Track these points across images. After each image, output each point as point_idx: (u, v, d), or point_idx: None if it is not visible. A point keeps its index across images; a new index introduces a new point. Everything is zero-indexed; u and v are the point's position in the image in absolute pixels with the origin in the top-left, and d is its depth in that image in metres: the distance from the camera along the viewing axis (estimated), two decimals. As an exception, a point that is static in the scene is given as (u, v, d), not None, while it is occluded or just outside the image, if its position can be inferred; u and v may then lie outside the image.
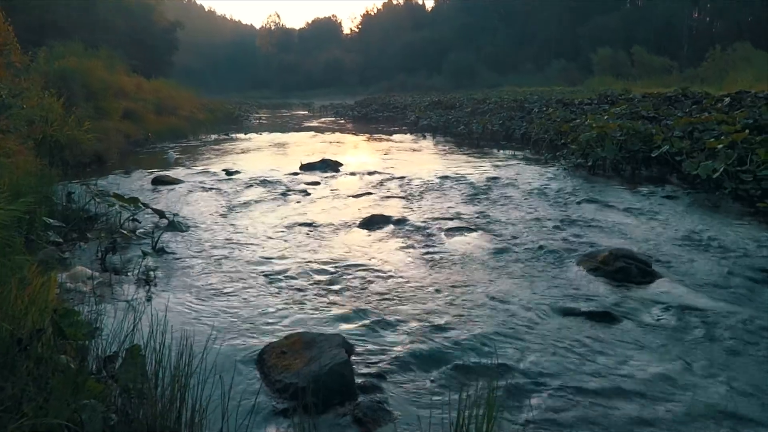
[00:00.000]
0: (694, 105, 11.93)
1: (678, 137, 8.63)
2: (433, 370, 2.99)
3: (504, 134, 13.81)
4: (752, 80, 22.44)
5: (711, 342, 3.37)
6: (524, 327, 3.52)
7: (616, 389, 2.80)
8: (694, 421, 2.57)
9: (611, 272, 4.46)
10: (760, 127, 8.27)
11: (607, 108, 12.69)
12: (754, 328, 3.54)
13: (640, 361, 3.12)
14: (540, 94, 23.15)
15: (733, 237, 5.44)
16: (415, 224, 6.06)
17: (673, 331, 3.51)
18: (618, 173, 8.82)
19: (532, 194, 7.61)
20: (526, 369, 2.98)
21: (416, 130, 17.04)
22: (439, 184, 8.43)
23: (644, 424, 2.54)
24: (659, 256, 4.96)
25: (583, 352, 3.21)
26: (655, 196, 7.30)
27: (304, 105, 37.95)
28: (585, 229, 5.90)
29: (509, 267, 4.71)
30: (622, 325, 3.59)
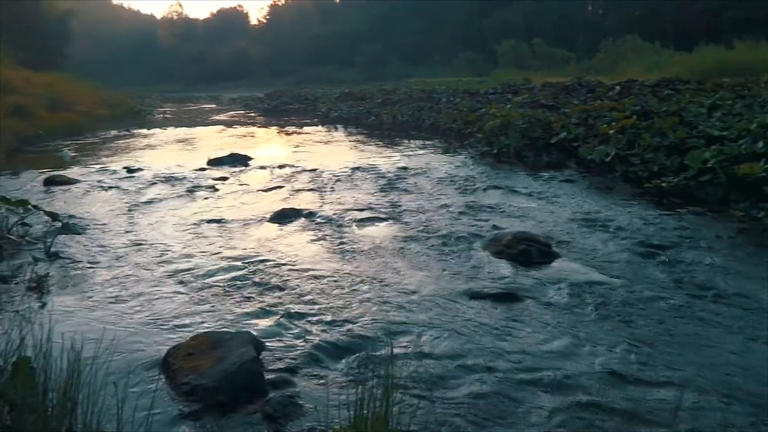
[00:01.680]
0: (588, 93, 12.65)
1: (574, 124, 9.12)
2: (343, 360, 3.00)
3: (414, 124, 14.03)
4: (641, 70, 24.07)
5: (605, 314, 3.60)
6: (431, 312, 3.60)
7: (517, 365, 2.93)
8: (590, 387, 2.74)
9: (514, 255, 4.65)
10: (646, 113, 8.90)
11: (510, 97, 13.19)
12: (643, 299, 3.82)
13: (541, 336, 3.28)
14: (448, 84, 23.68)
15: (624, 216, 5.83)
16: (326, 216, 6.04)
17: (571, 306, 3.72)
18: (521, 160, 9.19)
19: (440, 182, 7.79)
20: (431, 353, 3.06)
21: (327, 122, 16.98)
22: (350, 175, 8.44)
23: (543, 396, 2.68)
24: (559, 237, 5.23)
25: (488, 332, 3.33)
26: (555, 180, 7.68)
27: (212, 98, 36.78)
28: (491, 214, 6.12)
29: (419, 254, 4.80)
30: (524, 305, 3.76)
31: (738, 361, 3.01)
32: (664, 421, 2.47)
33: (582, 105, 10.26)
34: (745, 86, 10.99)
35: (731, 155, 6.26)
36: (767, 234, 5.14)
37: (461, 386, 2.74)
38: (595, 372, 2.89)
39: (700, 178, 6.50)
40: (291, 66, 58.92)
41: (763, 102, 8.74)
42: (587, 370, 2.90)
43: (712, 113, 8.37)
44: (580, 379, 2.82)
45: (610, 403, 2.61)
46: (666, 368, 2.93)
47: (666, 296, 3.85)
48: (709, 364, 2.98)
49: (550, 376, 2.84)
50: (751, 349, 3.15)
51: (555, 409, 2.57)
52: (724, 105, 8.82)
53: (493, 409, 2.58)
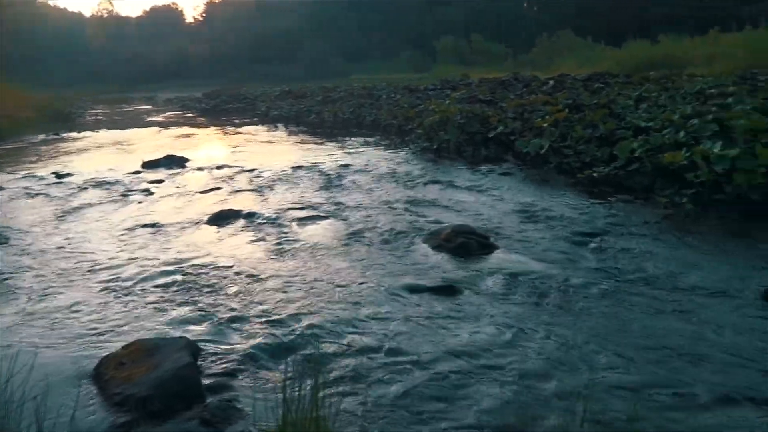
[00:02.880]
0: (524, 88, 12.97)
1: (511, 118, 9.33)
2: (283, 361, 2.97)
3: (355, 122, 14.02)
4: (574, 65, 24.86)
5: (540, 301, 3.71)
6: (370, 309, 3.61)
7: (455, 357, 2.98)
8: (526, 375, 2.81)
9: (453, 248, 4.72)
10: (578, 106, 9.20)
11: (449, 93, 13.36)
12: (576, 285, 3.95)
13: (479, 327, 3.35)
14: (389, 81, 23.78)
15: (558, 206, 6.01)
16: (266, 216, 5.96)
17: (508, 296, 3.81)
18: (461, 154, 9.33)
19: (382, 179, 7.82)
20: (370, 349, 3.07)
21: (267, 121, 16.74)
22: (291, 174, 8.36)
23: (478, 387, 2.74)
24: (497, 229, 5.34)
25: (427, 325, 3.37)
26: (493, 173, 7.84)
27: (147, 99, 35.62)
28: (431, 208, 6.19)
29: (360, 251, 4.81)
30: (463, 296, 3.82)
31: (664, 340, 3.15)
32: (599, 402, 2.57)
33: (518, 99, 10.51)
34: (670, 79, 11.53)
35: (656, 145, 6.55)
36: (689, 219, 5.41)
37: (398, 382, 2.76)
38: (531, 359, 2.97)
39: (629, 167, 6.77)
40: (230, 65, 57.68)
41: (684, 94, 9.19)
42: (524, 359, 2.98)
43: (639, 105, 8.72)
44: (516, 367, 2.89)
45: (545, 390, 2.69)
46: (599, 351, 3.05)
47: (597, 282, 4.00)
48: (640, 345, 3.11)
49: (487, 366, 2.91)
50: (676, 327, 3.31)
51: (490, 400, 2.62)
52: (650, 97, 9.22)
53: (428, 403, 2.61)
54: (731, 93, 8.57)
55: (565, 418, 2.45)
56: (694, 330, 3.27)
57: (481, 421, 2.45)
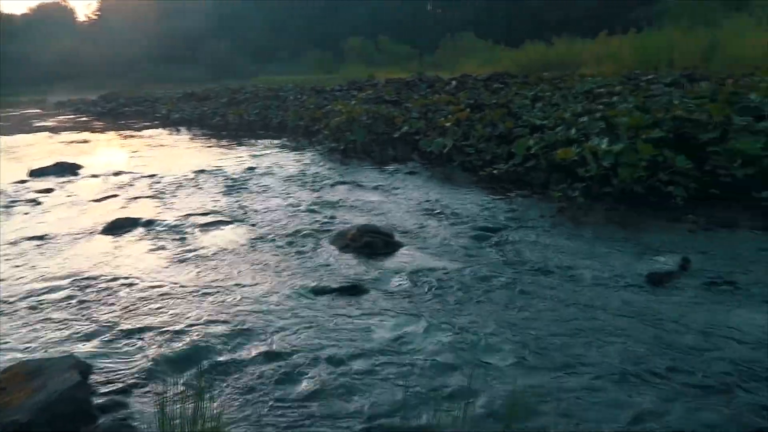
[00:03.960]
0: (428, 88, 13.25)
1: (415, 118, 9.51)
2: (182, 373, 2.86)
3: (261, 123, 13.76)
4: (476, 66, 25.73)
5: (443, 296, 3.79)
6: (275, 314, 3.56)
7: (358, 356, 2.99)
8: (426, 369, 2.87)
9: (359, 247, 4.74)
10: (479, 105, 9.52)
11: (355, 94, 13.42)
12: (477, 278, 4.08)
13: (384, 324, 3.38)
14: (296, 82, 23.56)
15: (461, 204, 6.18)
16: (166, 224, 5.72)
17: (413, 292, 3.87)
18: (368, 154, 9.40)
19: (288, 181, 7.72)
20: (274, 354, 3.02)
21: (169, 125, 16.08)
22: (194, 179, 8.08)
23: (381, 385, 2.76)
24: (402, 227, 5.42)
25: (332, 326, 3.36)
26: (399, 173, 7.95)
27: (37, 102, 33.21)
28: (338, 209, 6.18)
29: (265, 255, 4.72)
30: (369, 295, 3.84)
31: (560, 326, 3.32)
32: (504, 392, 2.66)
33: (422, 99, 10.72)
34: (563, 79, 12.19)
35: (550, 142, 6.90)
36: (581, 211, 5.74)
37: (301, 384, 2.74)
38: (432, 355, 3.03)
39: (526, 164, 7.09)
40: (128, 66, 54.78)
41: (575, 93, 9.74)
42: (424, 354, 3.04)
43: (534, 104, 9.16)
44: (416, 364, 2.94)
45: (449, 384, 2.76)
46: (499, 341, 3.16)
47: (496, 274, 4.15)
48: (537, 332, 3.26)
49: (391, 363, 2.94)
50: (571, 314, 3.49)
51: (388, 400, 2.65)
52: (544, 96, 9.70)
53: (324, 405, 2.60)
54: (617, 92, 9.19)
55: (464, 410, 2.52)
56: (586, 315, 3.47)
57: (375, 422, 2.47)
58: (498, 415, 2.49)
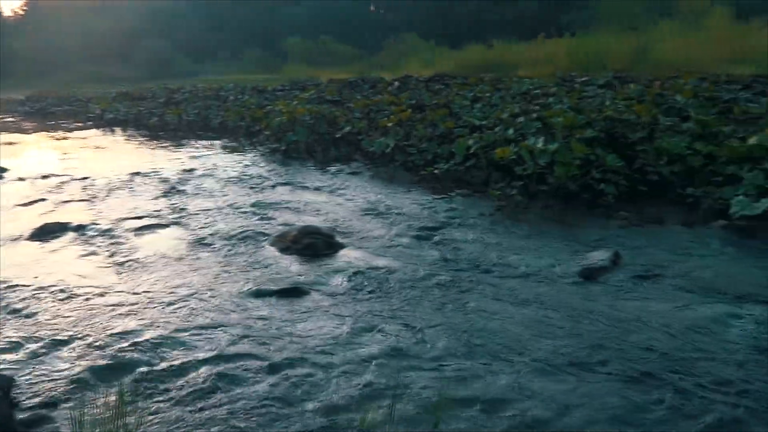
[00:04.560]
0: (371, 88, 13.29)
1: (358, 118, 9.51)
2: (112, 383, 2.75)
3: (200, 124, 13.44)
4: (419, 66, 25.96)
5: (384, 296, 3.81)
6: (212, 318, 3.48)
7: (297, 359, 2.96)
8: (371, 364, 2.87)
9: (300, 249, 4.70)
10: (420, 106, 9.62)
11: (297, 94, 13.31)
12: (417, 277, 4.11)
13: (325, 326, 3.36)
14: (237, 82, 23.13)
15: (403, 203, 6.23)
16: (98, 228, 5.49)
17: (354, 293, 3.87)
18: (311, 155, 9.33)
19: (228, 182, 7.57)
20: (210, 360, 2.95)
21: (103, 125, 15.46)
22: (129, 181, 7.80)
23: (323, 382, 2.74)
24: (344, 227, 5.40)
25: (271, 329, 3.31)
26: (342, 173, 7.93)
27: (-44, 102, 31.31)
28: (280, 211, 6.11)
29: (203, 259, 4.61)
30: (310, 297, 3.81)
31: (498, 322, 3.38)
32: (440, 388, 2.69)
33: (364, 100, 10.74)
34: (501, 80, 12.47)
35: (489, 142, 7.04)
36: (519, 209, 5.88)
37: (233, 392, 2.68)
38: (372, 353, 3.04)
39: (466, 163, 7.21)
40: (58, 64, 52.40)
41: (513, 94, 9.98)
42: (364, 355, 3.04)
43: (474, 105, 9.33)
44: (357, 363, 2.94)
45: (385, 382, 2.76)
46: (437, 338, 3.19)
47: (436, 273, 4.20)
48: (475, 328, 3.31)
49: (330, 365, 2.92)
50: (508, 309, 3.57)
51: (330, 400, 2.64)
52: (483, 97, 9.90)
53: (266, 409, 2.56)
54: (553, 93, 9.47)
55: (395, 408, 2.54)
56: (522, 310, 3.56)
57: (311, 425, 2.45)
58: (432, 411, 2.51)
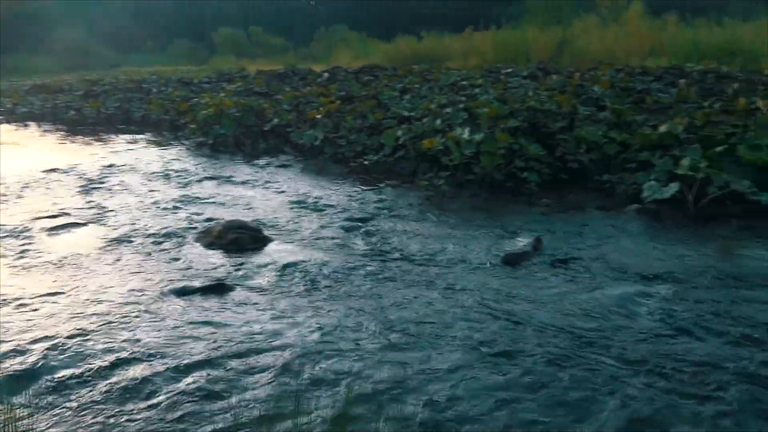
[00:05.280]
0: (300, 80, 13.12)
1: (286, 110, 9.38)
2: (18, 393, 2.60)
3: (122, 117, 12.86)
4: (350, 58, 25.88)
5: (311, 287, 3.78)
6: (133, 318, 3.35)
7: (221, 354, 2.91)
8: (298, 358, 2.84)
9: (226, 244, 4.60)
10: (349, 97, 9.59)
11: (225, 86, 12.98)
12: (345, 268, 4.10)
13: (250, 321, 3.30)
14: (161, 73, 22.32)
15: (332, 195, 6.20)
16: (8, 229, 5.17)
17: (281, 286, 3.82)
18: (239, 148, 9.13)
19: (152, 178, 7.30)
20: (130, 361, 2.85)
21: (15, 120, 14.50)
22: (44, 178, 7.38)
23: (246, 379, 2.70)
24: (272, 221, 5.33)
25: (193, 328, 3.23)
26: (271, 166, 7.82)
27: None
28: (206, 206, 5.96)
29: (123, 258, 4.42)
30: (234, 293, 3.74)
31: (424, 309, 3.43)
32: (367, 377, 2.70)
33: (293, 91, 10.60)
34: (430, 72, 12.60)
35: (418, 133, 7.11)
36: (447, 199, 5.99)
37: (154, 394, 2.60)
38: (299, 346, 3.01)
39: (395, 154, 7.26)
40: (-36, 54, 48.86)
41: (441, 85, 10.11)
42: (289, 348, 3.01)
43: (403, 96, 9.39)
44: (284, 357, 2.91)
45: (320, 372, 2.75)
46: (364, 328, 3.20)
47: (365, 264, 4.21)
48: (402, 317, 3.34)
49: (255, 361, 2.88)
50: (434, 297, 3.62)
51: (256, 397, 2.60)
52: (412, 88, 9.97)
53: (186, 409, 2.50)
54: (479, 85, 9.66)
55: (332, 400, 2.54)
56: (447, 297, 3.62)
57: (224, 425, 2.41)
58: (361, 401, 2.53)
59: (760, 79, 8.93)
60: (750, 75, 9.43)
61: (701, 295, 3.62)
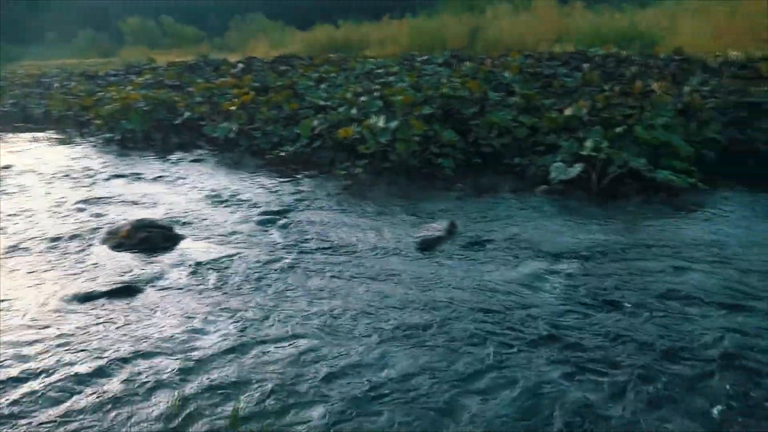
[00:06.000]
0: (214, 72, 12.73)
1: (198, 103, 9.08)
2: None
3: (20, 115, 12.02)
4: (267, 48, 25.37)
5: (225, 284, 3.69)
6: (30, 329, 3.15)
7: (126, 361, 2.79)
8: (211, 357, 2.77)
9: (135, 244, 4.41)
10: (264, 88, 9.40)
11: (133, 78, 12.40)
12: (262, 263, 4.03)
13: (161, 322, 3.18)
14: (64, 67, 21.03)
15: (248, 188, 6.07)
16: None
17: (194, 285, 3.71)
18: (150, 144, 8.77)
19: (54, 178, 6.88)
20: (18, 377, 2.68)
21: None
22: (-71, 183, 6.79)
23: (155, 384, 2.61)
24: (185, 218, 5.15)
25: (98, 334, 3.08)
26: (184, 161, 7.55)
27: None
28: (114, 205, 5.68)
29: (20, 266, 4.14)
30: (144, 295, 3.59)
31: (343, 300, 3.42)
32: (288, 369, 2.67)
33: (206, 83, 10.27)
34: (347, 60, 12.55)
35: (334, 122, 7.07)
36: (365, 187, 6.00)
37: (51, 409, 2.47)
38: (212, 345, 2.94)
39: (313, 144, 7.20)
40: None
41: (357, 74, 10.09)
42: (205, 347, 2.93)
43: (319, 85, 9.30)
44: (195, 358, 2.83)
45: (228, 372, 2.69)
46: (281, 321, 3.16)
47: (282, 256, 4.16)
48: (321, 309, 3.32)
49: (164, 366, 2.78)
50: (352, 286, 3.62)
51: (166, 401, 2.52)
52: (329, 77, 9.89)
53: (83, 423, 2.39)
54: (394, 72, 9.71)
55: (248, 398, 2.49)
56: (363, 285, 3.63)
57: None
58: (272, 398, 2.50)
59: (655, 62, 9.48)
60: (646, 59, 9.99)
61: (604, 269, 3.82)
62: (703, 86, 7.33)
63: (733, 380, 2.57)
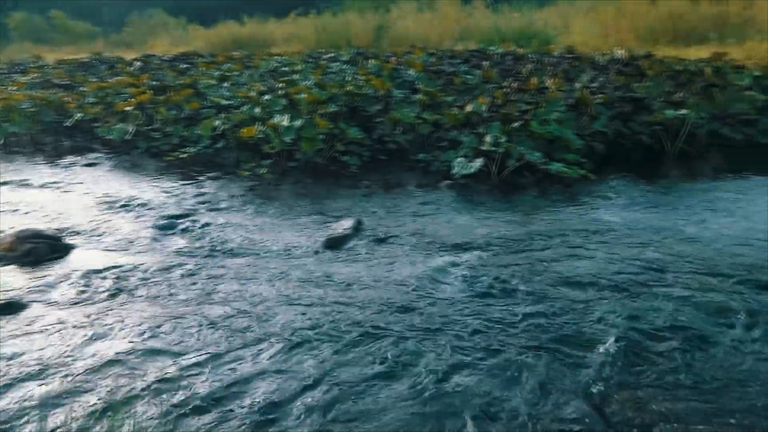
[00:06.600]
0: (109, 70, 12.07)
1: (91, 103, 8.57)
2: None
3: None
4: (168, 45, 24.31)
5: (122, 294, 3.51)
6: None
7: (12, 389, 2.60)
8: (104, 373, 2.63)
9: (19, 257, 4.11)
10: (163, 87, 9.01)
11: (17, 78, 11.50)
12: (161, 270, 3.87)
13: (46, 340, 2.98)
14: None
15: (147, 193, 5.81)
16: None
17: (85, 298, 3.50)
18: (38, 148, 8.18)
19: (-76, 188, 6.26)
20: None
21: None
22: None
23: (40, 405, 2.44)
24: (76, 227, 4.85)
25: (-26, 356, 2.84)
26: (77, 165, 7.11)
27: None
28: (-6, 216, 5.25)
29: None
30: (28, 311, 3.35)
31: (244, 303, 3.34)
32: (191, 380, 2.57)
33: (99, 82, 9.71)
34: (251, 58, 12.26)
35: (237, 121, 6.89)
36: (271, 187, 5.90)
37: None
38: (104, 361, 2.79)
39: (216, 145, 6.99)
40: None
41: (261, 72, 9.90)
42: (96, 363, 2.78)
43: (221, 84, 9.03)
44: (84, 378, 2.68)
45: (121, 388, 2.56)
46: (183, 329, 3.05)
47: (183, 262, 4.01)
48: (223, 313, 3.23)
49: (43, 386, 2.61)
50: (259, 289, 3.55)
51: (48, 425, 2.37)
52: (231, 76, 9.63)
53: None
54: (299, 70, 9.60)
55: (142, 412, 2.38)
56: (268, 287, 3.57)
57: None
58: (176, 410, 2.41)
59: (549, 60, 9.96)
60: (542, 57, 10.47)
61: (503, 258, 3.97)
62: (592, 83, 7.78)
63: (621, 360, 2.75)
